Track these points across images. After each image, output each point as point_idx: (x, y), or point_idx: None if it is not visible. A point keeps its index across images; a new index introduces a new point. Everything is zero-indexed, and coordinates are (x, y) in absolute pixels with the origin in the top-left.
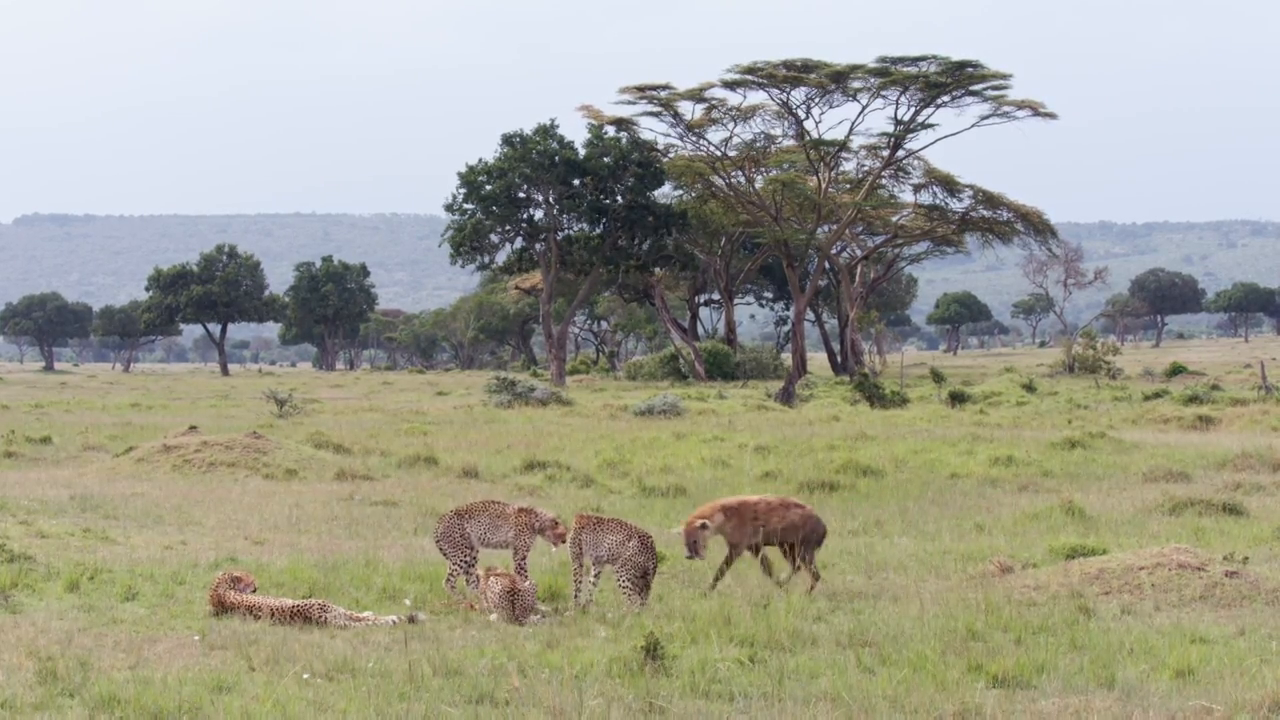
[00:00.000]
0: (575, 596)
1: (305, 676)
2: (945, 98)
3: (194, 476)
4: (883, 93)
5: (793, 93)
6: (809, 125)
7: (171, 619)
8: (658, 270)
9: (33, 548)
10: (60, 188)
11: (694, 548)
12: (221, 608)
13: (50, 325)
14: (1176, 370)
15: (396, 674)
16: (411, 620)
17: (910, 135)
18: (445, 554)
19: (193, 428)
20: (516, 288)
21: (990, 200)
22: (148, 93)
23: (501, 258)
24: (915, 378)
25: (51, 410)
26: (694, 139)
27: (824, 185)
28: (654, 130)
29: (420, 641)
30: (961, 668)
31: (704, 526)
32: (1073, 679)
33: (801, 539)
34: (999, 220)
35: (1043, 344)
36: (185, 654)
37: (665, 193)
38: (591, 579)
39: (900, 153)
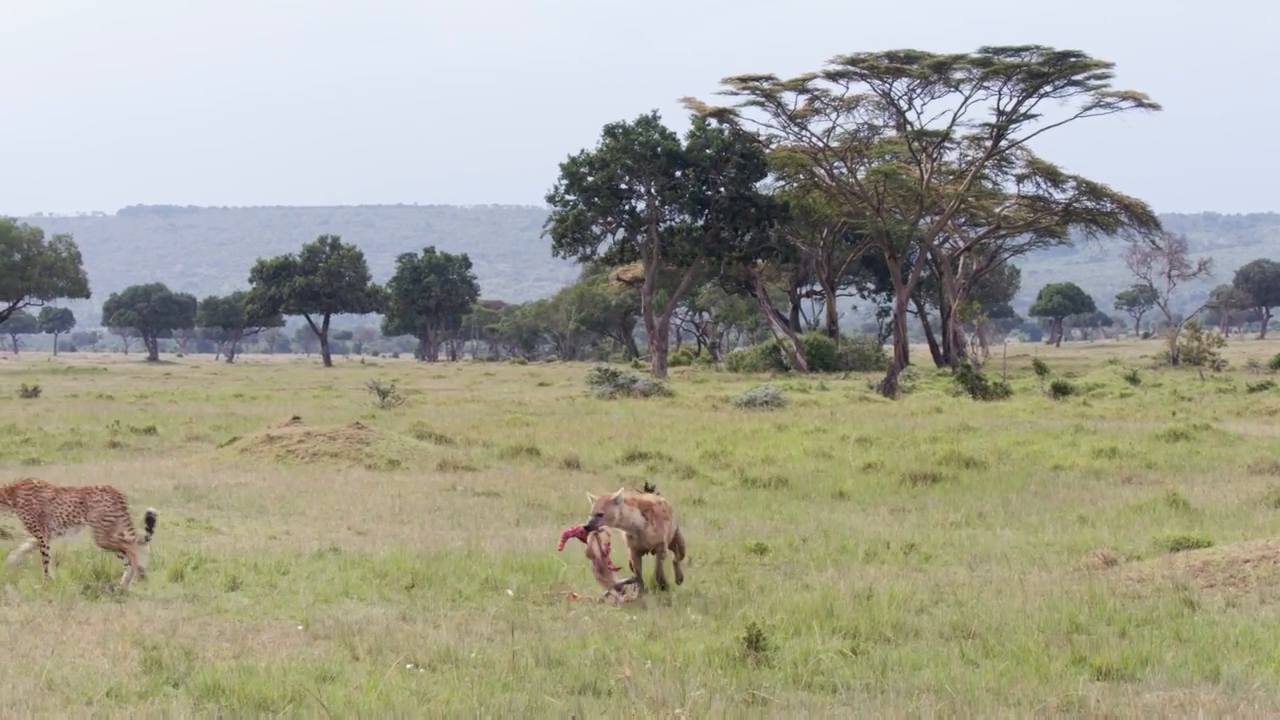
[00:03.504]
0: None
1: (409, 666)
2: (1048, 88)
3: (297, 467)
4: (985, 83)
5: (895, 83)
6: (911, 116)
7: (275, 608)
8: (759, 261)
9: None
10: (164, 179)
11: None
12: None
13: (154, 316)
14: None
15: (499, 664)
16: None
17: (1013, 126)
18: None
19: (296, 418)
20: (618, 279)
21: (1094, 191)
22: (251, 85)
23: (603, 249)
24: (1018, 369)
25: (156, 401)
26: (796, 130)
27: (926, 176)
28: (756, 121)
29: (523, 632)
30: (1065, 660)
31: None
32: (1177, 672)
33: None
34: (1102, 211)
35: (1146, 336)
36: (289, 643)
37: (767, 184)
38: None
39: (1003, 143)
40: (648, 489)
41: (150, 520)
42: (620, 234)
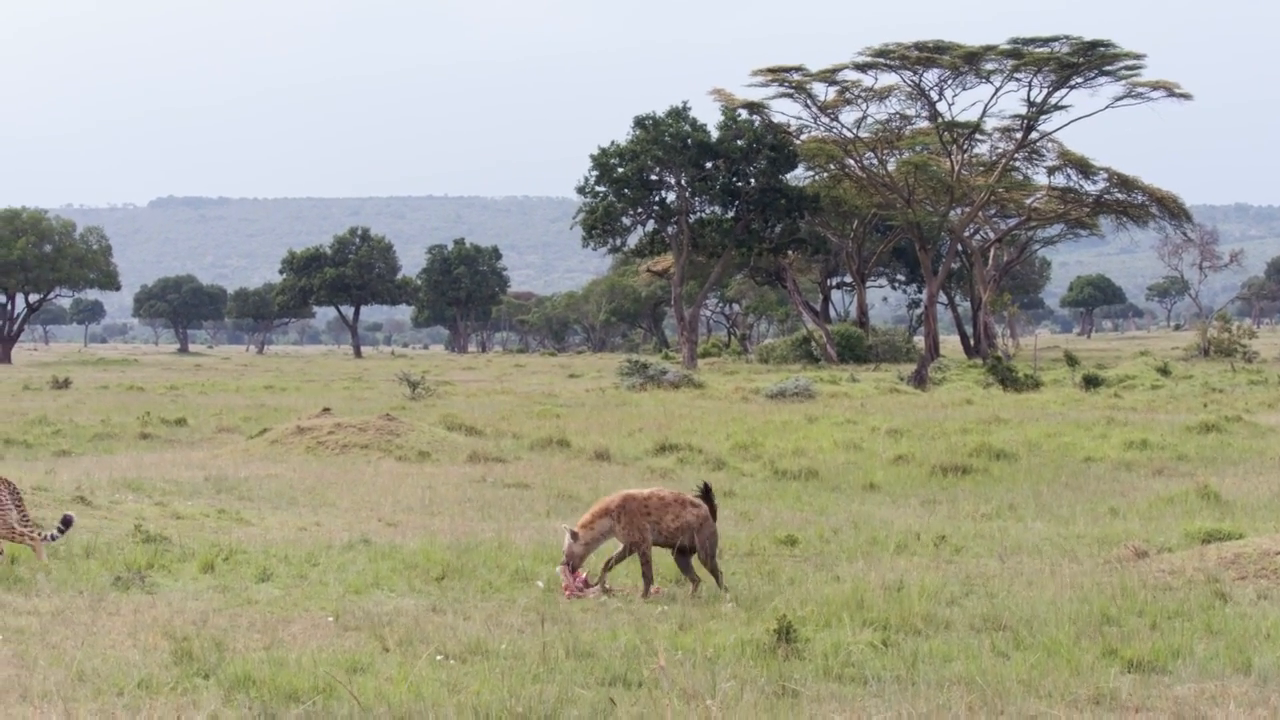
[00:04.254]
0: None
1: (439, 658)
2: (1078, 79)
3: (327, 458)
4: (1015, 74)
5: (925, 74)
6: (942, 107)
7: (305, 600)
8: (790, 253)
9: (168, 529)
10: (195, 171)
11: None
12: None
13: (185, 307)
14: None
15: (530, 656)
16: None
17: (1043, 117)
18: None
19: (326, 410)
20: (648, 270)
21: (1125, 183)
22: (281, 77)
23: (633, 240)
24: (1048, 361)
25: (186, 392)
26: (826, 121)
27: (957, 167)
28: (786, 113)
29: (554, 624)
30: (1096, 652)
31: None
32: (1208, 664)
33: None
34: (1134, 203)
35: (1177, 327)
36: (319, 635)
37: (798, 175)
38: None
39: (1033, 134)
40: (704, 492)
41: (66, 522)
42: (650, 225)
